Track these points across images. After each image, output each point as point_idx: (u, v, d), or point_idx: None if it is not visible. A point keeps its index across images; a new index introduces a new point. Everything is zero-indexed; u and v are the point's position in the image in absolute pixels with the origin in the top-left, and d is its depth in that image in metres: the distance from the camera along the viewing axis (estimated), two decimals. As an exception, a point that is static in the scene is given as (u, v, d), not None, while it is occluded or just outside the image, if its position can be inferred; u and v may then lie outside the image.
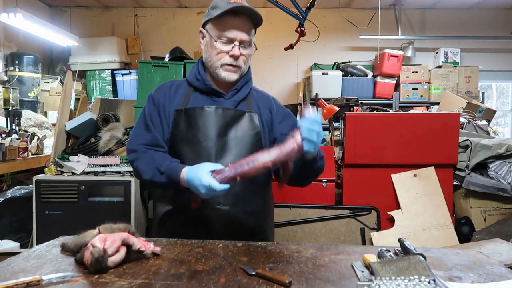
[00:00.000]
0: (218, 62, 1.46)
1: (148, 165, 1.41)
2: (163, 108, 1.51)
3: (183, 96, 1.52)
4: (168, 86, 1.57)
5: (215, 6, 1.45)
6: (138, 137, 1.50)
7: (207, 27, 1.49)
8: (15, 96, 3.90)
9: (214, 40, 1.45)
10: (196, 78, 1.52)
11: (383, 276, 0.96)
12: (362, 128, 2.83)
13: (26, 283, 0.94)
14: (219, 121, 1.46)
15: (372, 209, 2.78)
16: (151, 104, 1.53)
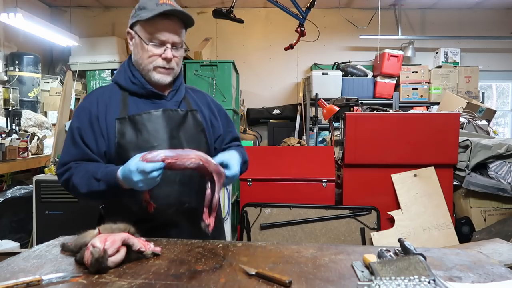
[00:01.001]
0: (150, 65, 1.41)
1: (82, 177, 1.32)
2: (96, 120, 1.41)
3: (120, 103, 1.43)
4: (97, 95, 1.46)
5: (143, 7, 1.39)
6: (66, 155, 1.41)
7: (135, 29, 1.42)
8: (15, 96, 3.90)
9: (145, 42, 1.39)
10: (132, 82, 1.44)
11: (383, 276, 0.96)
12: (362, 128, 2.83)
13: (26, 283, 0.94)
14: (169, 123, 1.42)
15: (372, 209, 2.78)
16: (80, 118, 1.42)
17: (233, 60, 3.74)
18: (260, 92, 5.56)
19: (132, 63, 1.47)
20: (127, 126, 1.40)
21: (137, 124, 1.40)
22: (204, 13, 5.67)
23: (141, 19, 1.38)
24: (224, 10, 3.52)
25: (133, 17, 1.42)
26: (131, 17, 1.44)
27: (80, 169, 1.35)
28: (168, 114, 1.44)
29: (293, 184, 2.92)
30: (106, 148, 1.41)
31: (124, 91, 1.46)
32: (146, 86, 1.44)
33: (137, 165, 1.16)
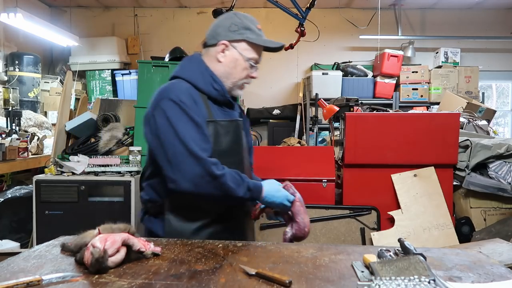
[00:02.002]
0: (241, 81, 1.50)
1: (236, 182, 1.36)
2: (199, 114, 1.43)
3: (204, 106, 1.45)
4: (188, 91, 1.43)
5: (248, 27, 1.46)
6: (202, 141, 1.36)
7: (237, 46, 1.47)
8: (15, 96, 3.90)
9: (247, 61, 1.48)
10: (214, 88, 1.47)
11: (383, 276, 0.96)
12: (362, 128, 2.83)
13: (26, 283, 0.94)
14: (241, 134, 1.54)
15: (372, 209, 2.78)
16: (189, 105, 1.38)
17: (233, 60, 3.74)
18: (260, 92, 5.56)
19: (210, 68, 1.49)
20: (217, 130, 1.45)
21: (224, 130, 1.46)
22: (204, 13, 5.68)
23: (249, 40, 1.46)
24: (224, 10, 3.52)
25: (236, 33, 1.46)
26: (230, 30, 1.46)
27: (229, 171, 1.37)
28: (241, 124, 1.55)
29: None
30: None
31: (203, 94, 1.47)
32: (226, 95, 1.51)
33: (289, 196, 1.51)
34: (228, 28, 1.46)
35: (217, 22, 1.51)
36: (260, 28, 1.50)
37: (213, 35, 1.48)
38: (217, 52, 1.47)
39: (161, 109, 1.37)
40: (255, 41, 1.46)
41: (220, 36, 1.46)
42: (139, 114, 3.57)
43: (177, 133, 1.33)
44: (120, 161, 3.21)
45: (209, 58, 1.50)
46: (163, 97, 1.39)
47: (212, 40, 1.49)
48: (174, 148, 1.33)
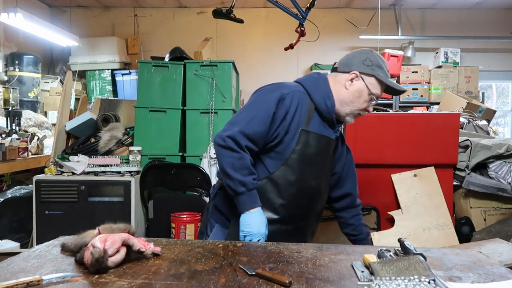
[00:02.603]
0: (357, 111, 1.61)
1: (242, 167, 1.48)
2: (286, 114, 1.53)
3: (306, 114, 1.57)
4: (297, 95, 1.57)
5: (380, 65, 1.57)
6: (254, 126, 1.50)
7: (367, 79, 1.57)
8: (15, 96, 3.90)
9: (369, 93, 1.57)
10: (326, 105, 1.58)
11: (383, 276, 0.96)
12: (362, 128, 2.83)
13: (26, 283, 0.94)
14: (328, 151, 1.65)
15: (372, 209, 2.78)
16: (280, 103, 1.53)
17: (233, 60, 3.73)
18: (260, 92, 5.56)
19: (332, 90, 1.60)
20: (306, 140, 1.56)
21: (314, 141, 1.57)
22: (204, 13, 5.67)
23: (379, 77, 1.57)
24: (224, 10, 3.52)
25: (369, 68, 1.57)
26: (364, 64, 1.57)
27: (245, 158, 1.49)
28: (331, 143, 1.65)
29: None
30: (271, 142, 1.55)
31: (312, 104, 1.59)
32: (333, 116, 1.61)
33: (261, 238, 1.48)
34: (362, 62, 1.57)
35: (354, 53, 1.62)
36: (388, 70, 1.60)
37: (347, 64, 1.60)
38: (347, 79, 1.58)
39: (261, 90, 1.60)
40: (383, 79, 1.56)
41: (354, 66, 1.58)
42: (139, 114, 3.57)
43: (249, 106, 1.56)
44: (120, 161, 3.21)
45: (335, 82, 1.61)
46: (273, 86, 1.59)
47: (344, 68, 1.60)
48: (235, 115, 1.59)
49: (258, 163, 1.58)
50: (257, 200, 1.50)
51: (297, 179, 1.56)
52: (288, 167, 1.55)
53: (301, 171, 1.56)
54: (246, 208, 1.49)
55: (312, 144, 1.56)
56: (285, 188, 1.55)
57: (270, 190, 1.55)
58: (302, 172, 1.56)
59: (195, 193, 3.30)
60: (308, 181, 1.59)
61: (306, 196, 1.61)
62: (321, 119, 1.60)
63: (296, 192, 1.57)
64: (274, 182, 1.55)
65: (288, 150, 1.54)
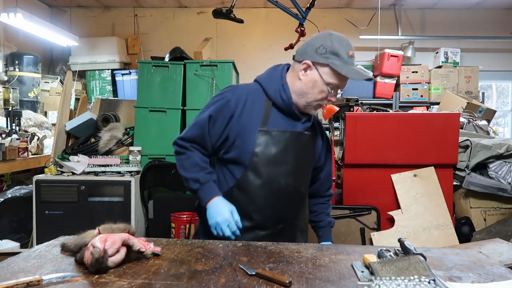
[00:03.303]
0: (315, 102, 1.51)
1: (190, 166, 1.51)
2: (231, 118, 1.49)
3: (263, 112, 1.51)
4: (245, 95, 1.53)
5: (336, 52, 1.43)
6: (189, 132, 1.54)
7: (320, 69, 1.46)
8: (15, 96, 3.90)
9: (324, 83, 1.46)
10: (281, 97, 1.51)
11: (383, 276, 0.96)
12: (362, 128, 2.83)
13: (26, 283, 0.94)
14: (297, 145, 1.54)
15: (372, 209, 2.78)
16: (219, 108, 1.50)
17: (233, 60, 3.73)
18: (260, 92, 5.55)
19: (288, 81, 1.53)
20: (266, 140, 1.50)
21: (275, 140, 1.50)
22: (204, 13, 5.67)
23: (333, 66, 1.43)
24: (224, 10, 3.52)
25: (322, 56, 1.44)
26: (317, 52, 1.45)
27: (192, 156, 1.52)
28: (300, 137, 1.55)
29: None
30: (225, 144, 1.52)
31: (269, 101, 1.53)
32: (292, 108, 1.52)
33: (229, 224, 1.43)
34: (316, 49, 1.46)
35: (310, 40, 1.51)
36: (352, 55, 1.46)
37: (301, 53, 1.51)
38: (300, 69, 1.49)
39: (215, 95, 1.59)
40: (337, 68, 1.43)
41: (307, 55, 1.48)
42: (139, 114, 3.57)
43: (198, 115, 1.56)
44: (120, 161, 3.21)
45: (291, 72, 1.54)
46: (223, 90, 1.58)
47: (298, 57, 1.51)
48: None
49: (225, 171, 1.55)
50: (213, 191, 1.48)
51: (265, 182, 1.50)
52: (252, 171, 1.49)
53: (267, 172, 1.49)
54: (205, 202, 1.47)
55: (273, 142, 1.50)
56: (254, 193, 1.50)
57: (240, 196, 1.51)
58: (269, 173, 1.50)
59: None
60: (278, 181, 1.51)
61: (279, 198, 1.53)
62: (282, 114, 1.53)
63: (267, 195, 1.50)
64: (242, 188, 1.51)
65: (248, 153, 1.49)
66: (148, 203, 3.20)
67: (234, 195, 1.51)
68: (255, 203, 1.50)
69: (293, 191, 1.56)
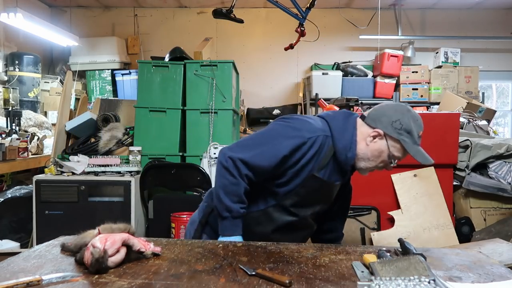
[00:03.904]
0: (372, 167, 1.52)
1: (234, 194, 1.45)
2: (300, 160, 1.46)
3: (323, 158, 1.49)
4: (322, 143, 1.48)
5: (410, 131, 1.45)
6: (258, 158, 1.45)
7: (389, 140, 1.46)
8: (15, 96, 3.90)
9: (389, 156, 1.47)
10: (346, 156, 1.49)
11: (383, 276, 0.96)
12: (362, 128, 2.83)
13: (26, 283, 0.94)
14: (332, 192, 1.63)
15: (372, 209, 2.78)
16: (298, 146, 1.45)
17: (233, 60, 3.73)
18: (260, 92, 5.55)
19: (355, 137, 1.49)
20: (313, 184, 1.50)
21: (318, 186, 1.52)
22: (204, 13, 5.67)
23: (404, 144, 1.45)
24: (224, 10, 3.52)
25: (396, 131, 1.44)
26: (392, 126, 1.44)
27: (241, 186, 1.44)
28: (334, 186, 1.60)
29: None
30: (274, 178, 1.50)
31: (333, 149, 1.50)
32: (347, 166, 1.53)
33: None
34: (392, 123, 1.45)
35: (387, 108, 1.50)
36: (421, 135, 1.49)
37: (375, 119, 1.48)
38: (369, 135, 1.47)
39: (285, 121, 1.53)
40: (407, 147, 1.44)
41: (381, 124, 1.46)
42: (139, 114, 3.57)
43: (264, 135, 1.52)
44: (120, 161, 3.21)
45: (360, 131, 1.50)
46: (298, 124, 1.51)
47: (371, 122, 1.48)
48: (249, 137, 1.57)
49: (263, 192, 1.53)
50: (237, 229, 1.46)
51: (294, 216, 1.55)
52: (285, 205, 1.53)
53: (297, 211, 1.55)
54: (224, 233, 1.45)
55: (315, 188, 1.52)
56: (279, 221, 1.55)
57: (264, 220, 1.54)
58: (298, 211, 1.55)
59: (195, 193, 3.30)
60: (305, 219, 1.60)
61: (300, 232, 1.64)
62: (335, 166, 1.53)
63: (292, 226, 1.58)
64: (268, 215, 1.54)
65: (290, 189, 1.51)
66: (148, 203, 3.20)
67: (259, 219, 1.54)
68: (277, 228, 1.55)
69: (310, 226, 1.68)
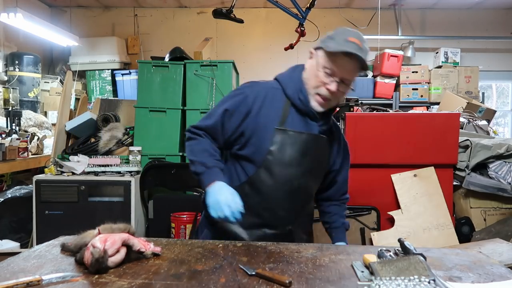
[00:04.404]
0: (313, 90, 1.47)
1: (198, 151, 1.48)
2: (248, 114, 1.48)
3: (281, 111, 1.49)
4: (264, 92, 1.52)
5: (333, 37, 1.44)
6: (202, 122, 1.53)
7: (318, 52, 1.48)
8: (15, 96, 3.90)
9: (318, 69, 1.45)
10: (299, 98, 1.49)
11: (383, 276, 0.96)
12: (362, 128, 2.83)
13: (26, 283, 0.94)
14: (313, 147, 1.51)
15: (372, 209, 2.78)
16: (236, 103, 1.49)
17: (233, 60, 3.73)
18: (260, 92, 5.55)
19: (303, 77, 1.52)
20: (283, 139, 1.47)
21: (291, 140, 1.47)
22: (204, 13, 5.67)
23: (326, 48, 1.43)
24: (224, 10, 3.52)
25: (321, 42, 1.47)
26: (319, 40, 1.49)
27: (203, 143, 1.50)
28: (316, 139, 1.52)
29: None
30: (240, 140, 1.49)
31: (288, 100, 1.51)
32: (308, 106, 1.49)
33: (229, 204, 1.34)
34: (320, 40, 1.50)
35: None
36: (353, 41, 1.40)
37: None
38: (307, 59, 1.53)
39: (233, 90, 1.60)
40: (328, 48, 1.42)
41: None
42: (139, 114, 3.57)
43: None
44: (120, 161, 3.21)
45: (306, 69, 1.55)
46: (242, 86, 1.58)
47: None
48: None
49: (238, 167, 1.53)
50: (216, 175, 1.43)
51: (278, 182, 1.48)
52: (266, 169, 1.47)
53: (281, 173, 1.47)
54: (207, 184, 1.42)
55: (290, 142, 1.47)
56: (266, 192, 1.48)
57: (250, 193, 1.48)
58: (283, 173, 1.47)
59: (195, 193, 3.30)
60: (291, 183, 1.49)
61: (292, 199, 1.51)
62: (300, 115, 1.51)
63: (279, 195, 1.49)
64: (253, 186, 1.48)
65: (263, 151, 1.46)
66: (148, 203, 3.20)
67: (244, 191, 1.47)
68: (266, 202, 1.49)
69: (304, 193, 1.56)
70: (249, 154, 1.49)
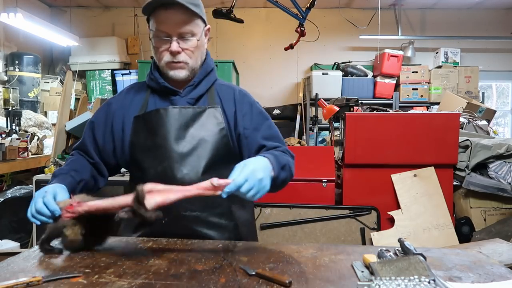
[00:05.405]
0: (162, 61, 1.34)
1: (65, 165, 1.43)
2: (112, 116, 1.42)
3: (142, 101, 1.42)
4: (125, 91, 1.48)
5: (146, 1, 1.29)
6: (77, 143, 1.51)
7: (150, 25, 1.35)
8: (15, 96, 3.90)
9: (153, 39, 1.34)
10: (150, 78, 1.41)
11: (383, 276, 0.96)
12: (362, 128, 2.83)
13: (26, 283, 0.94)
14: (177, 121, 1.34)
15: (372, 209, 2.78)
16: (98, 112, 1.47)
17: (233, 60, 3.73)
18: (260, 92, 5.56)
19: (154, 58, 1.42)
20: (141, 125, 1.37)
21: (149, 122, 1.36)
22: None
23: (144, 14, 1.33)
24: (224, 10, 3.52)
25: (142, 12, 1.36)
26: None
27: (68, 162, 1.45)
28: (177, 111, 1.35)
29: (293, 184, 2.91)
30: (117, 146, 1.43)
31: (148, 88, 1.43)
32: (159, 81, 1.38)
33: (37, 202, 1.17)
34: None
35: None
36: None
37: None
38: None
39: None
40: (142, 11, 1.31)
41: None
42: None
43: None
44: (120, 161, 3.21)
45: None
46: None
47: None
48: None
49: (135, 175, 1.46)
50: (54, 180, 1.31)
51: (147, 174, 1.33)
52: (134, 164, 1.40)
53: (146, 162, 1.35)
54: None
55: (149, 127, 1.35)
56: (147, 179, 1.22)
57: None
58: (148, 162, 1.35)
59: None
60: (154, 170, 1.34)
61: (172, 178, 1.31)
62: (159, 96, 1.40)
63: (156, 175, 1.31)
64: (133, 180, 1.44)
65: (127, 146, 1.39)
66: (148, 203, 3.20)
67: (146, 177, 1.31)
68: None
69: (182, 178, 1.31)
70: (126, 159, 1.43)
